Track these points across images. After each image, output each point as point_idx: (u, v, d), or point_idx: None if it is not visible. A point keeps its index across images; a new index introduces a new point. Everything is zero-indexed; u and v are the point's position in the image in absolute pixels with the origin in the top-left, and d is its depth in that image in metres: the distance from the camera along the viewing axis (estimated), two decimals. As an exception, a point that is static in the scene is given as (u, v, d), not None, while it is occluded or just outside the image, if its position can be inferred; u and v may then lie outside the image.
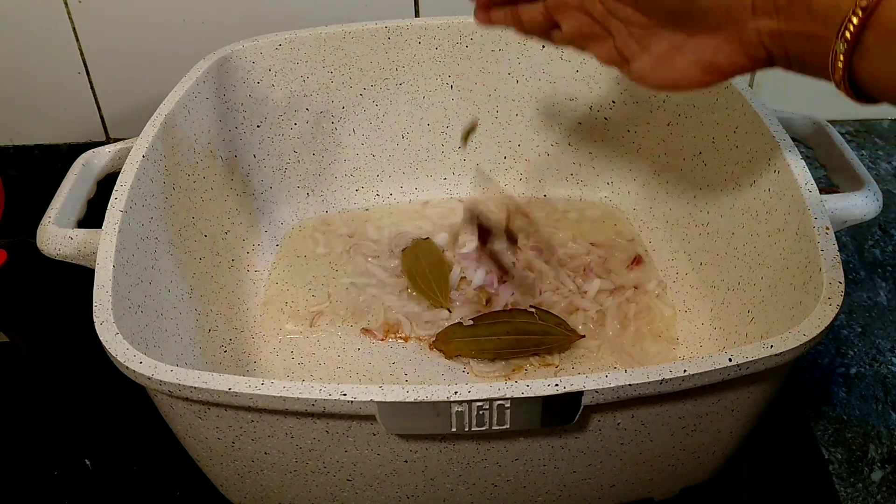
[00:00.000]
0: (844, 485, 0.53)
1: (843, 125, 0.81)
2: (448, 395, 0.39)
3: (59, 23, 0.74)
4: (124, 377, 0.42)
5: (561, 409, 0.40)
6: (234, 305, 0.61)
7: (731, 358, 0.40)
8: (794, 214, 0.49)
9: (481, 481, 0.46)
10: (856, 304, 0.64)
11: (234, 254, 0.64)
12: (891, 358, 0.60)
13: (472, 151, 0.71)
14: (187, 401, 0.41)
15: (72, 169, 0.56)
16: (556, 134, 0.70)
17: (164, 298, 0.52)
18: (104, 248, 0.47)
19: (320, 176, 0.70)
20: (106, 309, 0.44)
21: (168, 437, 0.47)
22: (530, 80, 0.68)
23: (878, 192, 0.51)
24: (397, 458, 0.44)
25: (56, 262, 0.51)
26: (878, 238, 0.70)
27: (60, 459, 0.56)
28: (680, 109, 0.64)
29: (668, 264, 0.64)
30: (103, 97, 0.79)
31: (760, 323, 0.52)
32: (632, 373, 0.40)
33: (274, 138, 0.68)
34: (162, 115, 0.57)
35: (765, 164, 0.53)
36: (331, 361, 0.59)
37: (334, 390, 0.39)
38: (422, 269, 0.64)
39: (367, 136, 0.69)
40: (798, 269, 0.48)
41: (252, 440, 0.43)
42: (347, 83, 0.67)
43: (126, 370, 0.42)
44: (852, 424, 0.56)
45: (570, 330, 0.58)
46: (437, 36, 0.66)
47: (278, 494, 0.48)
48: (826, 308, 0.42)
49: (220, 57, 0.63)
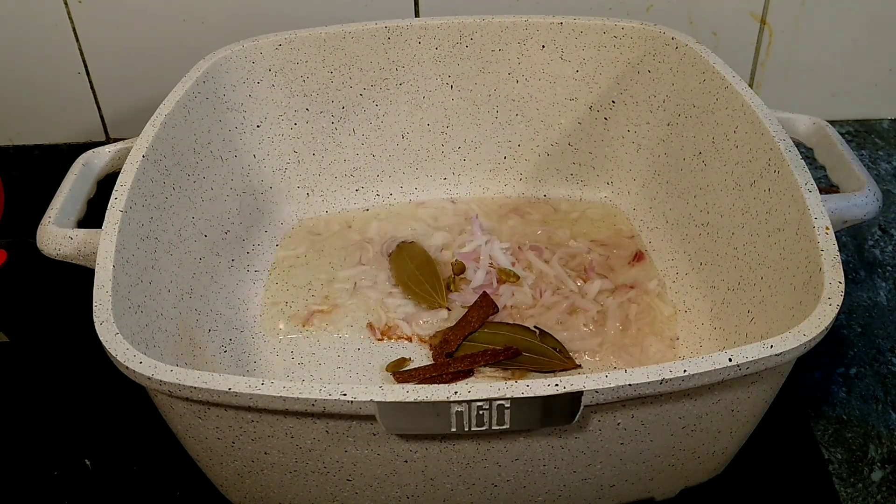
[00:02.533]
0: (844, 485, 0.53)
1: (843, 125, 0.81)
2: (448, 395, 0.39)
3: (59, 23, 0.74)
4: (124, 377, 0.42)
5: (561, 409, 0.40)
6: (234, 305, 0.62)
7: (731, 358, 0.40)
8: (794, 214, 0.49)
9: (481, 481, 0.46)
10: (856, 304, 0.64)
11: (234, 254, 0.64)
12: (891, 358, 0.60)
13: (473, 151, 0.71)
14: (187, 401, 0.41)
15: (72, 169, 0.56)
16: (556, 134, 0.70)
17: (164, 298, 0.52)
18: (104, 248, 0.47)
19: (320, 176, 0.70)
20: (106, 309, 0.44)
21: (168, 437, 0.47)
22: (530, 80, 0.68)
23: (878, 192, 0.51)
24: (397, 458, 0.44)
25: (56, 262, 0.51)
26: (878, 238, 0.70)
27: (60, 459, 0.56)
28: (680, 109, 0.64)
29: (668, 264, 0.64)
30: (103, 97, 0.79)
31: (760, 323, 0.52)
32: (632, 373, 0.40)
33: (274, 138, 0.68)
34: (162, 115, 0.57)
35: (765, 164, 0.53)
36: (331, 361, 0.59)
37: (334, 390, 0.39)
38: (412, 273, 0.64)
39: (367, 136, 0.69)
40: (798, 269, 0.48)
41: (252, 440, 0.43)
42: (347, 83, 0.67)
43: (126, 370, 0.42)
44: (852, 424, 0.56)
45: (568, 357, 0.58)
46: (437, 36, 0.66)
47: (278, 494, 0.48)
48: (826, 308, 0.42)
49: (220, 57, 0.63)
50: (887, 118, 0.82)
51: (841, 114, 0.81)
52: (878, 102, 0.81)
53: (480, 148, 0.71)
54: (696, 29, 0.75)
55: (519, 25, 0.65)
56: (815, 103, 0.77)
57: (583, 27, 0.65)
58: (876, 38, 0.76)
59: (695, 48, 0.61)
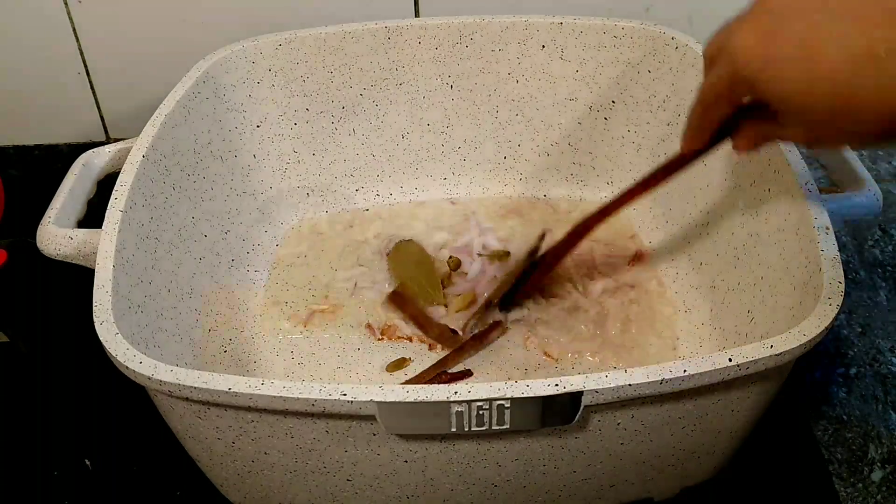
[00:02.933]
0: (844, 485, 0.53)
1: (843, 125, 0.81)
2: (448, 396, 0.39)
3: (59, 23, 0.74)
4: (124, 377, 0.42)
5: (561, 409, 0.40)
6: (234, 305, 0.61)
7: (731, 358, 0.40)
8: (794, 214, 0.49)
9: (481, 481, 0.46)
10: (856, 304, 0.64)
11: (234, 254, 0.64)
12: (891, 358, 0.60)
13: (473, 151, 0.71)
14: (187, 401, 0.41)
15: (72, 169, 0.56)
16: (556, 134, 0.70)
17: (163, 298, 0.52)
18: (104, 248, 0.47)
19: (320, 176, 0.70)
20: (106, 309, 0.44)
21: (168, 437, 0.47)
22: (530, 80, 0.68)
23: (878, 192, 0.51)
24: (397, 458, 0.44)
25: (56, 262, 0.51)
26: (878, 238, 0.70)
27: (60, 459, 0.56)
28: (680, 109, 0.64)
29: (668, 264, 0.64)
30: (103, 97, 0.79)
31: (760, 323, 0.52)
32: (632, 373, 0.40)
33: (274, 138, 0.68)
34: (162, 115, 0.57)
35: (765, 164, 0.53)
36: (331, 361, 0.59)
37: (334, 390, 0.39)
38: (410, 271, 0.64)
39: (366, 136, 0.69)
40: (798, 269, 0.48)
41: (252, 440, 0.43)
42: (347, 83, 0.67)
43: (126, 370, 0.42)
44: (852, 424, 0.56)
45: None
46: (437, 36, 0.66)
47: (278, 494, 0.48)
48: (826, 308, 0.42)
49: (220, 57, 0.63)
50: (887, 118, 0.82)
51: (841, 114, 0.81)
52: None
53: (480, 148, 0.71)
54: (696, 29, 0.75)
55: (519, 25, 0.65)
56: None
57: (583, 27, 0.65)
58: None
59: (695, 48, 0.61)
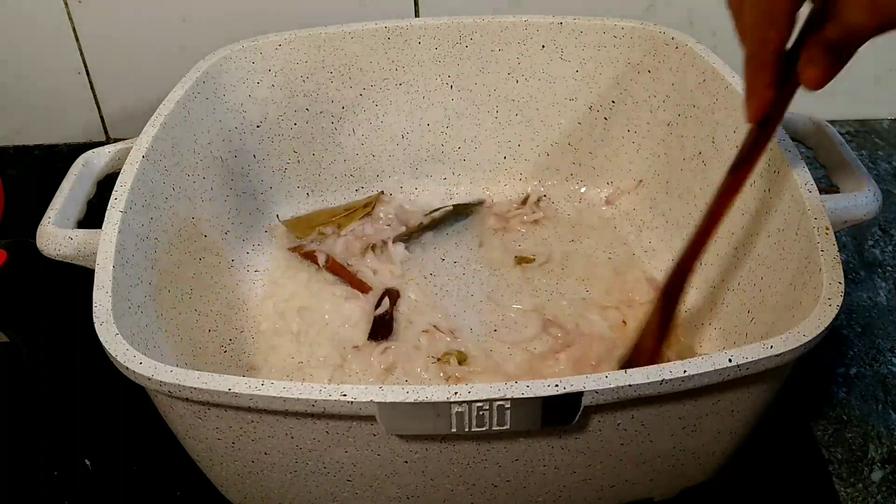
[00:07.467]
0: (844, 485, 0.53)
1: (843, 125, 0.81)
2: (448, 396, 0.39)
3: (59, 23, 0.74)
4: (124, 378, 0.42)
5: (561, 410, 0.40)
6: (233, 305, 0.61)
7: (731, 358, 0.40)
8: (794, 214, 0.49)
9: (481, 481, 0.46)
10: (856, 304, 0.64)
11: (234, 254, 0.64)
12: (891, 358, 0.60)
13: (473, 151, 0.71)
14: (187, 401, 0.41)
15: (72, 169, 0.56)
16: (556, 134, 0.70)
17: (163, 298, 0.52)
18: (104, 248, 0.47)
19: (320, 176, 0.70)
20: (106, 309, 0.44)
21: (168, 437, 0.47)
22: (530, 80, 0.68)
23: (878, 192, 0.51)
24: (397, 458, 0.44)
25: (56, 262, 0.51)
26: (878, 238, 0.70)
27: (60, 459, 0.56)
28: (680, 109, 0.64)
29: (669, 264, 0.64)
30: (103, 97, 0.79)
31: (760, 323, 0.52)
32: (632, 373, 0.40)
33: (274, 138, 0.68)
34: (162, 115, 0.57)
35: (765, 165, 0.53)
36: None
37: (334, 390, 0.39)
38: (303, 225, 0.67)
39: (367, 136, 0.69)
40: (798, 269, 0.48)
41: (252, 441, 0.43)
42: (347, 83, 0.67)
43: (126, 371, 0.42)
44: (852, 424, 0.56)
45: None
46: (437, 36, 0.66)
47: (278, 494, 0.48)
48: (826, 308, 0.42)
49: (220, 57, 0.63)
50: (887, 118, 0.82)
51: (841, 114, 0.81)
52: (878, 102, 0.81)
53: (480, 148, 0.71)
54: (696, 29, 0.75)
55: (519, 25, 0.65)
56: (815, 103, 0.77)
57: (583, 27, 0.65)
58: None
59: (695, 48, 0.61)
